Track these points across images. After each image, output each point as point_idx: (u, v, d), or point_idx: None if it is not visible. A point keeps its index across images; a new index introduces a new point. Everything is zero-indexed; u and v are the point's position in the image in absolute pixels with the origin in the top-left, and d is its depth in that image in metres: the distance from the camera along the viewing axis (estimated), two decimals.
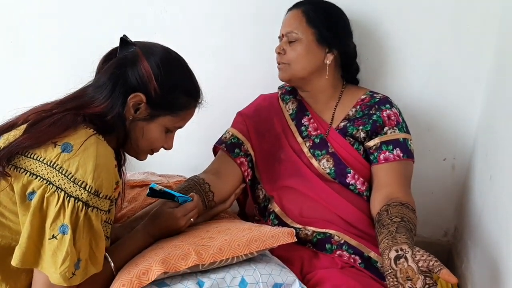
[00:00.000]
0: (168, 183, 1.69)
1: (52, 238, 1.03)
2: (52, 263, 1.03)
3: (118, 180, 1.11)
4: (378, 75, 1.79)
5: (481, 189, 1.64)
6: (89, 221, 1.06)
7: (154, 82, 1.15)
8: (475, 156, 1.77)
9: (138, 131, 1.20)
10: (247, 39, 1.88)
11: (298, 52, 1.52)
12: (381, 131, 1.52)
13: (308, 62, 1.52)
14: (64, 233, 1.03)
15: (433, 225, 1.97)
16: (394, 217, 1.32)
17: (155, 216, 1.30)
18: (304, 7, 1.55)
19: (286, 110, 1.65)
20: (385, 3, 1.74)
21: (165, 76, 1.17)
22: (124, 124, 1.17)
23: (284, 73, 1.56)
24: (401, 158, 1.49)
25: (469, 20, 1.70)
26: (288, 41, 1.53)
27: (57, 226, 1.03)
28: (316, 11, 1.53)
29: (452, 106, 1.80)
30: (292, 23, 1.54)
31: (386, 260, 1.20)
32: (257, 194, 1.64)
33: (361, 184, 1.52)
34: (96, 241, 1.08)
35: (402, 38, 1.77)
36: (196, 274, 1.17)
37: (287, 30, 1.54)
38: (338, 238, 1.44)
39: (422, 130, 1.82)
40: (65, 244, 1.02)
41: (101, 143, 1.09)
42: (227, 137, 1.64)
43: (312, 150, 1.56)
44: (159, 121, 1.20)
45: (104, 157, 1.07)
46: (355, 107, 1.58)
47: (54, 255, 1.03)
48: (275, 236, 1.27)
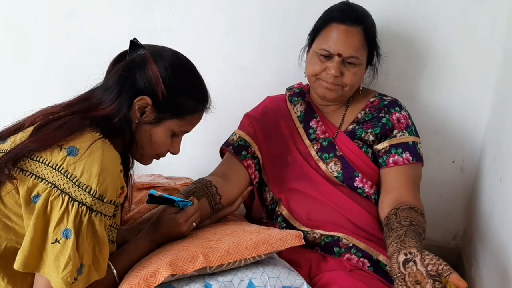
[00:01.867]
0: (175, 185, 1.69)
1: (55, 242, 1.02)
2: (54, 268, 1.03)
3: (123, 185, 1.11)
4: (386, 77, 1.78)
5: (491, 192, 1.62)
6: (93, 226, 1.05)
7: (162, 85, 1.15)
8: (484, 158, 1.75)
9: (144, 134, 1.19)
10: (254, 42, 1.88)
11: (358, 76, 1.50)
12: (390, 134, 1.51)
13: (359, 83, 1.54)
14: (67, 237, 1.02)
15: (442, 228, 1.96)
16: (403, 221, 1.31)
17: (157, 223, 1.29)
18: (364, 25, 1.48)
19: (294, 112, 1.64)
20: (392, 6, 1.74)
21: (173, 80, 1.16)
22: (130, 127, 1.16)
23: (334, 93, 1.51)
24: (410, 162, 1.48)
25: (477, 22, 1.69)
26: (347, 63, 1.48)
27: (60, 230, 1.02)
28: (372, 32, 1.51)
29: (460, 108, 1.80)
30: (355, 45, 1.46)
31: (394, 264, 1.19)
32: (265, 196, 1.63)
33: (369, 187, 1.52)
34: (100, 247, 1.08)
35: (410, 40, 1.76)
36: (203, 276, 1.16)
37: (349, 53, 1.46)
38: (347, 241, 1.43)
39: (431, 133, 1.81)
40: (67, 249, 1.02)
41: (107, 147, 1.09)
42: (234, 139, 1.63)
43: (320, 153, 1.55)
44: (166, 125, 1.20)
45: (109, 162, 1.07)
46: (364, 110, 1.57)
47: (56, 260, 1.02)
48: (283, 238, 1.26)
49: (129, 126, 1.16)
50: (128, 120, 1.15)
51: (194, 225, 1.32)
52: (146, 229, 1.30)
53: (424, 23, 1.73)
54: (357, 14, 1.49)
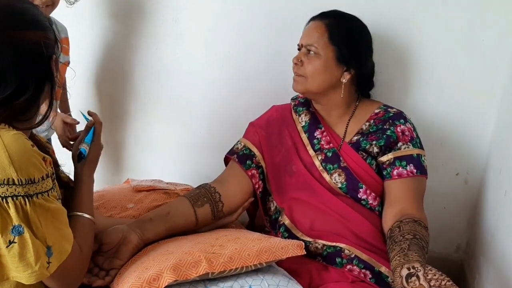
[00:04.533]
0: (175, 189, 1.69)
1: (9, 245, 0.98)
2: (23, 267, 0.99)
3: (43, 155, 1.04)
4: (391, 89, 1.78)
5: (495, 205, 1.61)
6: (42, 208, 1.01)
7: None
8: (489, 171, 1.75)
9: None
10: (259, 49, 1.88)
11: (316, 67, 1.51)
12: (394, 147, 1.50)
13: (324, 79, 1.51)
14: (20, 233, 0.98)
15: (445, 240, 1.95)
16: (407, 234, 1.30)
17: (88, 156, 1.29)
18: (328, 20, 1.52)
19: (298, 122, 1.64)
20: (399, 17, 1.74)
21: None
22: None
23: (299, 85, 1.55)
24: (415, 174, 1.47)
25: (484, 34, 1.69)
26: (307, 53, 1.52)
27: (8, 231, 0.98)
28: (340, 29, 1.51)
29: (465, 120, 1.79)
30: (313, 36, 1.52)
31: (397, 278, 1.19)
32: (268, 206, 1.63)
33: (373, 199, 1.51)
34: (58, 218, 1.05)
35: (416, 51, 1.77)
36: (204, 281, 1.17)
37: (307, 42, 1.52)
38: (349, 252, 1.43)
39: (435, 144, 1.81)
40: (28, 242, 0.99)
41: (2, 133, 1.00)
42: (239, 148, 1.63)
43: (324, 163, 1.55)
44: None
45: (13, 145, 0.99)
46: (369, 121, 1.56)
47: (22, 258, 0.99)
48: (285, 248, 1.26)
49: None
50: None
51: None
52: (82, 167, 1.27)
53: (431, 35, 1.73)
54: (326, 12, 1.56)
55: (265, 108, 1.71)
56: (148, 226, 1.36)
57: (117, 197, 1.60)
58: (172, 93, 2.05)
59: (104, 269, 1.25)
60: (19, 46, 1.02)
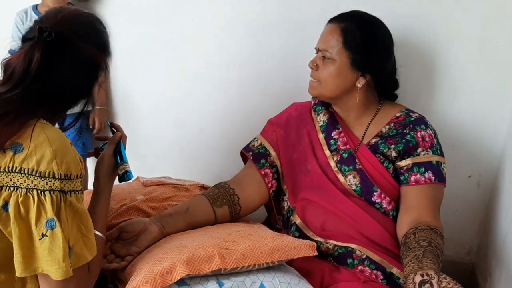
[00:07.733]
0: (185, 185, 1.70)
1: (42, 237, 1.01)
2: (52, 261, 1.01)
3: (79, 155, 1.09)
4: (403, 90, 1.77)
5: (508, 208, 1.60)
6: (71, 207, 1.04)
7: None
8: (502, 174, 1.74)
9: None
10: (272, 48, 1.88)
11: (330, 72, 1.49)
12: (414, 152, 1.48)
13: (338, 84, 1.50)
14: (52, 228, 1.01)
15: (456, 243, 1.94)
16: (422, 241, 1.29)
17: (104, 172, 1.30)
18: (345, 24, 1.48)
19: (317, 121, 1.62)
20: (412, 18, 1.74)
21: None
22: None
23: (313, 90, 1.54)
24: (433, 182, 1.45)
25: (498, 36, 1.69)
26: (323, 57, 1.50)
27: (42, 224, 1.01)
28: (356, 33, 1.47)
29: (478, 122, 1.78)
30: (329, 40, 1.49)
31: (410, 284, 1.18)
32: (282, 205, 1.63)
33: (387, 203, 1.49)
34: (84, 223, 1.07)
35: (429, 54, 1.76)
36: (216, 275, 1.17)
37: (323, 46, 1.50)
38: (360, 253, 1.42)
39: (447, 147, 1.78)
40: (58, 237, 1.01)
41: (47, 127, 1.06)
42: (255, 146, 1.63)
43: (339, 164, 1.54)
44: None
45: (57, 139, 1.04)
46: (389, 125, 1.54)
47: (51, 253, 1.01)
48: (297, 247, 1.27)
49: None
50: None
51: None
52: (100, 183, 1.28)
53: (445, 37, 1.73)
54: (344, 14, 1.52)
55: (278, 107, 1.71)
56: (169, 221, 1.40)
57: (126, 190, 1.61)
58: (186, 93, 2.06)
59: (120, 256, 1.28)
60: (81, 55, 1.13)
